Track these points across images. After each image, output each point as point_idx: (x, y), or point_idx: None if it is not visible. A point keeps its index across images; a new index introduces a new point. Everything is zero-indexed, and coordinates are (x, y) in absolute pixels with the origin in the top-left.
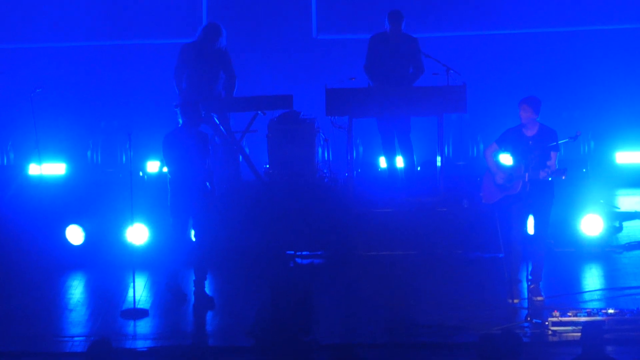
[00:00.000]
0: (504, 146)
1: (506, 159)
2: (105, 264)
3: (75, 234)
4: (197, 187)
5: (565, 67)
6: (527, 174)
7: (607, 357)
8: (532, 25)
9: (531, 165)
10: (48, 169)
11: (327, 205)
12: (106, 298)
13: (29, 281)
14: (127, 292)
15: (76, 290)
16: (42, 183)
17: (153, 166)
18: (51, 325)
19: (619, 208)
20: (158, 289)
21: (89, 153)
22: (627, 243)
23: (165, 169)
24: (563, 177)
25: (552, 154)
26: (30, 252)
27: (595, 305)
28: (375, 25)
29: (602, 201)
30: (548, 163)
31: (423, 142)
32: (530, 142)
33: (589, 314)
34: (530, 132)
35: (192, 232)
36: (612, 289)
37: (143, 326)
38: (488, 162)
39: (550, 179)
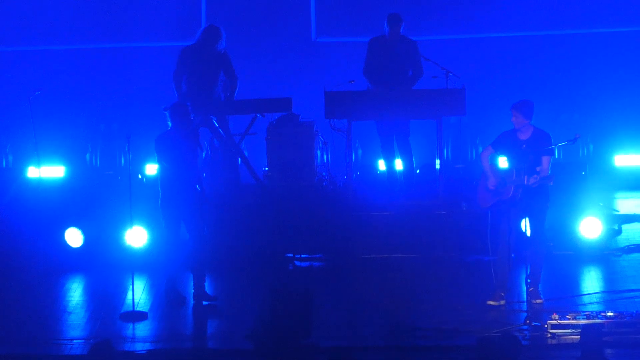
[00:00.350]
0: (499, 149)
1: (504, 162)
2: (104, 266)
3: (74, 237)
4: (186, 189)
5: (564, 70)
6: (526, 177)
7: None
8: (531, 28)
9: (524, 169)
10: (47, 171)
11: (326, 208)
12: (105, 301)
13: (28, 284)
14: (126, 295)
15: (75, 292)
16: (41, 186)
17: (152, 169)
18: (50, 328)
19: (618, 211)
20: (157, 292)
21: (88, 156)
22: (626, 246)
23: None
24: (551, 183)
25: (545, 158)
26: (29, 255)
27: (594, 308)
28: (374, 28)
29: (601, 204)
30: (537, 169)
31: (422, 145)
32: (524, 146)
33: (588, 317)
34: (524, 136)
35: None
36: (611, 292)
37: (142, 329)
38: (483, 166)
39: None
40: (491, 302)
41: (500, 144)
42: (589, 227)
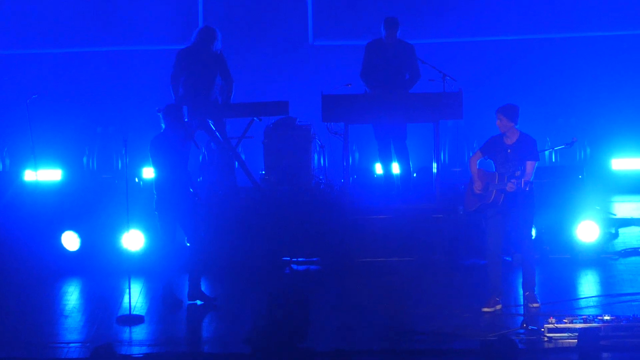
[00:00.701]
0: (487, 154)
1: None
2: (101, 270)
3: (71, 240)
4: (179, 191)
5: (561, 74)
6: (515, 181)
7: None
8: (528, 32)
9: (507, 174)
10: (44, 175)
11: (323, 212)
12: (102, 304)
13: (25, 287)
14: (122, 298)
15: (72, 296)
16: (37, 189)
17: (149, 172)
18: (47, 332)
19: (615, 214)
20: (154, 295)
21: (84, 159)
22: (623, 249)
23: None
24: (526, 189)
25: (529, 163)
26: (25, 259)
27: (591, 311)
28: (371, 31)
29: (598, 208)
30: (517, 173)
31: (419, 149)
32: (509, 151)
33: (585, 321)
34: (509, 141)
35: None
36: (608, 296)
37: (139, 332)
38: (471, 170)
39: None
40: (486, 309)
41: (488, 149)
42: (586, 231)
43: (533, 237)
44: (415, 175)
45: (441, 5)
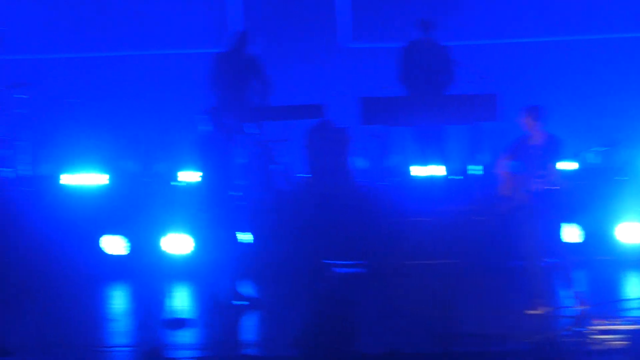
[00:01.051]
0: (514, 156)
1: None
2: (147, 274)
3: (117, 244)
4: (223, 193)
5: (602, 74)
6: (539, 181)
7: None
8: (566, 33)
9: (533, 175)
10: (88, 179)
11: (366, 214)
12: (148, 308)
13: (70, 292)
14: (170, 302)
15: (118, 300)
16: (82, 193)
17: (189, 175)
18: (93, 336)
19: None
20: (200, 299)
21: (128, 163)
22: None
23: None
24: (553, 189)
25: (554, 163)
26: (70, 263)
27: (638, 313)
28: (407, 33)
29: None
30: (541, 173)
31: (462, 151)
32: (535, 152)
33: (633, 322)
34: (536, 141)
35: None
36: None
37: (186, 336)
38: (499, 173)
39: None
40: (531, 312)
41: (514, 151)
42: (630, 232)
43: (582, 240)
44: (456, 177)
45: (476, 7)
